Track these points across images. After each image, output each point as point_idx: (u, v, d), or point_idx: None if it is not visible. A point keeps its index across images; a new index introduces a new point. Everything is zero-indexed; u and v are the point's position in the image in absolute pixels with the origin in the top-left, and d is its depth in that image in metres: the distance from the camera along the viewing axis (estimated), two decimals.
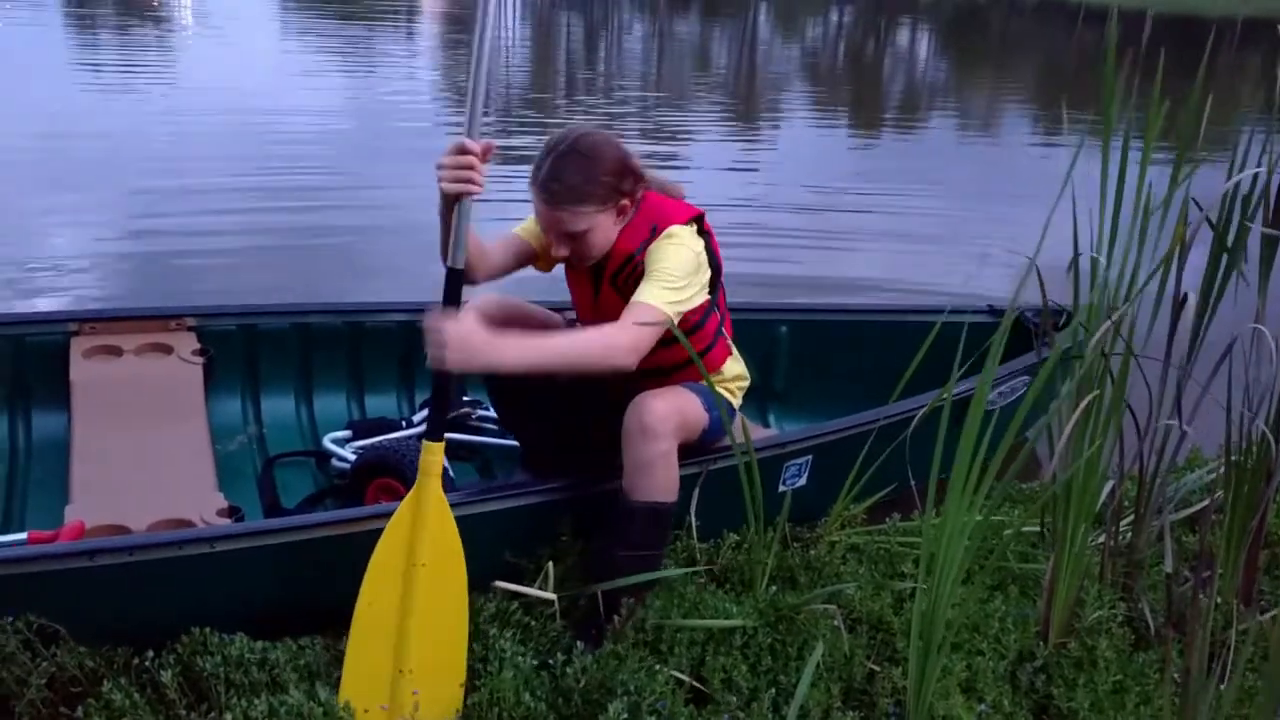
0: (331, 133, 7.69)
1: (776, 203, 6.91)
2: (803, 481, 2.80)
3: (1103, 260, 2.17)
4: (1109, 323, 2.13)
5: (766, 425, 3.49)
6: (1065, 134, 10.66)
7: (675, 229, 2.35)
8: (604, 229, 2.33)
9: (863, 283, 5.48)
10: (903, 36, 24.24)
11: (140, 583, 2.08)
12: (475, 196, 2.02)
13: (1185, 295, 2.24)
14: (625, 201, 2.33)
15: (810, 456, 2.78)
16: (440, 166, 2.01)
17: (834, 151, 9.45)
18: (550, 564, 2.37)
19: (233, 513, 2.35)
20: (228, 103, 8.73)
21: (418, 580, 2.01)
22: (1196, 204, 2.13)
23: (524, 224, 2.53)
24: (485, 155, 2.01)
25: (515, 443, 2.92)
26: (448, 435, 3.00)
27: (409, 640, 2.01)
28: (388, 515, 2.05)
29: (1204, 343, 2.35)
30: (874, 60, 18.97)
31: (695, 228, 2.41)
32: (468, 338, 1.99)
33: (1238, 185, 2.21)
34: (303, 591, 2.21)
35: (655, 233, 2.34)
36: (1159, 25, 28.54)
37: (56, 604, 2.02)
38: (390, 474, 2.71)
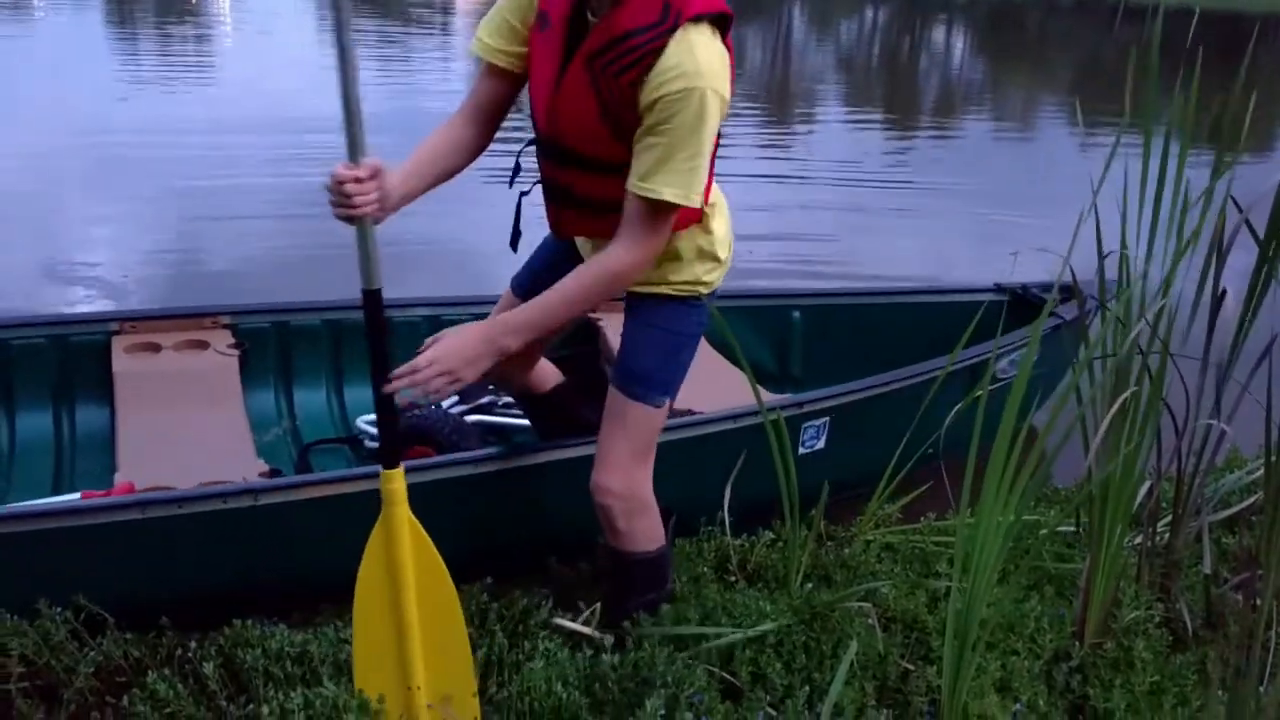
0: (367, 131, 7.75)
1: (809, 202, 6.90)
2: (821, 444, 2.82)
3: (1137, 256, 2.16)
4: (1145, 320, 2.12)
5: None
6: (1102, 132, 10.56)
7: (695, 39, 1.77)
8: None
9: (893, 278, 5.46)
10: (938, 35, 24.07)
11: (189, 540, 2.14)
12: (373, 218, 1.77)
13: (1224, 291, 2.22)
14: None
15: (828, 419, 2.79)
16: (329, 193, 1.76)
17: (868, 150, 9.40)
18: (599, 604, 2.34)
19: (275, 475, 2.41)
20: (265, 103, 8.82)
21: (405, 606, 1.91)
22: (1235, 203, 2.11)
23: (484, 31, 2.00)
24: (372, 178, 1.74)
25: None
26: (475, 418, 3.10)
27: (412, 661, 1.95)
28: (432, 468, 2.12)
29: (1244, 341, 2.33)
30: (909, 59, 18.85)
31: (719, 36, 1.84)
32: (462, 349, 1.89)
33: None
34: (347, 553, 2.23)
35: (668, 16, 1.77)
36: (1201, 22, 28.13)
37: (110, 565, 2.09)
38: (425, 441, 2.76)
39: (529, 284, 2.27)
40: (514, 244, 2.20)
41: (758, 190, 6.82)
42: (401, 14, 17.18)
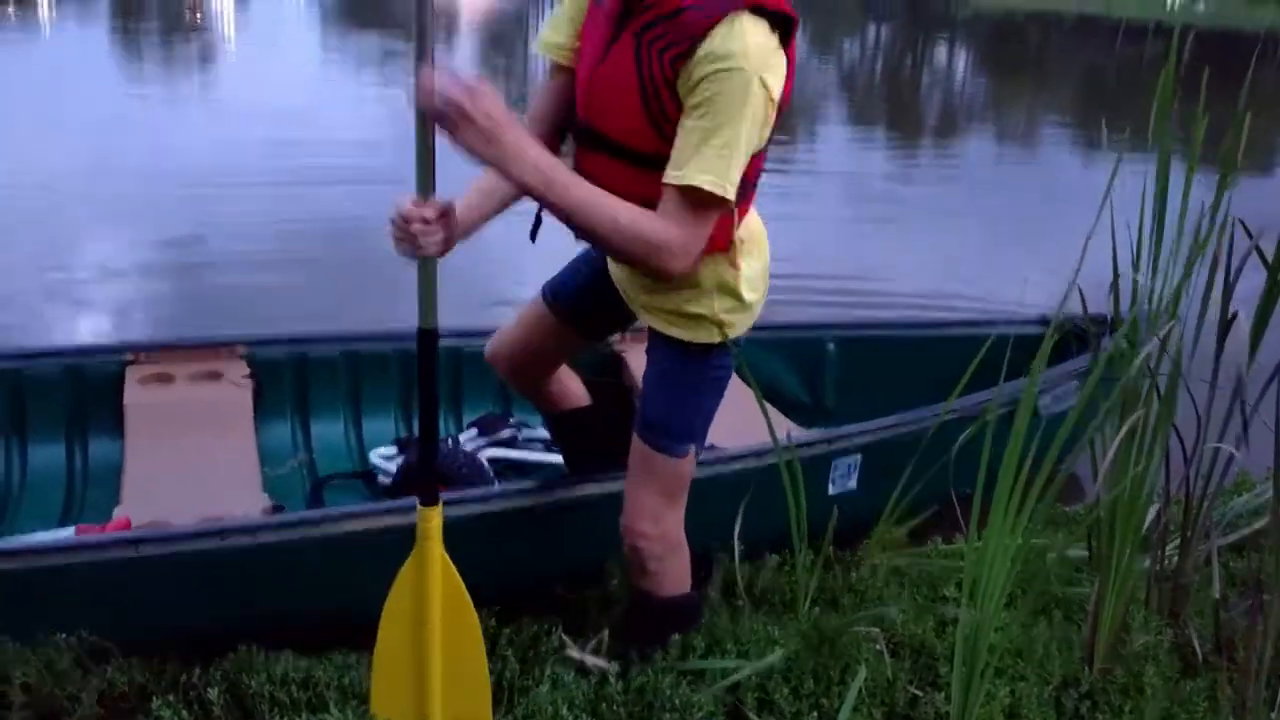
0: (372, 152, 7.79)
1: (818, 219, 6.90)
2: (852, 484, 2.80)
3: (1144, 280, 2.15)
4: (1155, 341, 2.12)
5: None
6: (1106, 150, 10.58)
7: (749, 39, 1.68)
8: None
9: (906, 299, 5.47)
10: (940, 52, 24.13)
11: (186, 577, 2.12)
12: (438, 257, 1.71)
13: (1235, 314, 2.21)
14: None
15: (860, 456, 2.77)
16: (394, 227, 1.68)
17: (872, 165, 9.43)
18: (606, 631, 2.33)
19: (277, 511, 2.39)
20: (271, 125, 8.83)
21: (430, 639, 1.90)
22: (1245, 227, 2.11)
23: (546, 29, 1.97)
24: (442, 217, 1.67)
25: (562, 459, 2.93)
26: (494, 455, 3.08)
27: (431, 692, 1.94)
28: (455, 504, 2.10)
29: (1255, 363, 2.32)
30: (911, 76, 18.90)
31: (778, 34, 1.75)
32: (495, 119, 1.58)
33: None
34: (347, 593, 2.23)
35: (724, 2, 1.69)
36: (1200, 40, 28.21)
37: (105, 600, 2.07)
38: (437, 479, 2.74)
39: (563, 296, 2.25)
40: (533, 234, 2.12)
41: (760, 205, 6.84)
42: (406, 31, 17.23)
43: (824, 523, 2.50)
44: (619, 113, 1.80)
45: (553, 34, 1.96)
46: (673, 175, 1.72)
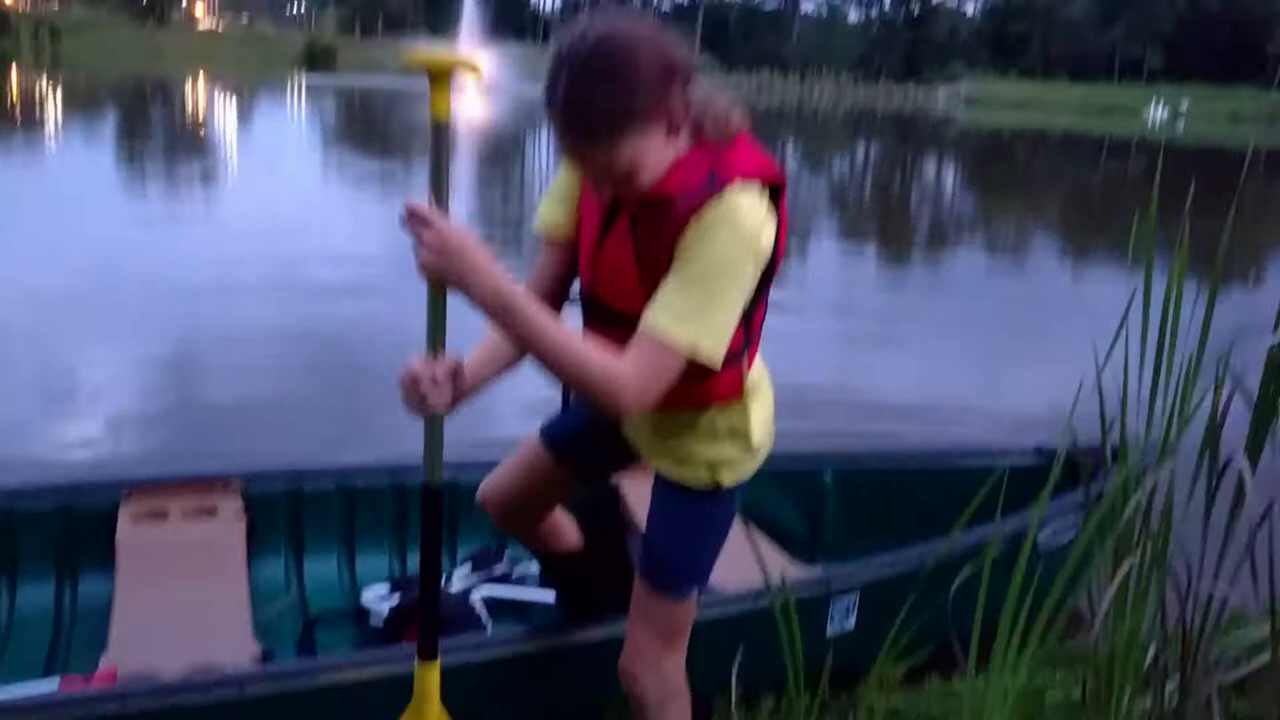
0: (371, 270, 7.91)
1: (807, 337, 7.00)
2: (850, 624, 2.78)
3: (1138, 424, 2.18)
4: (1145, 489, 2.14)
5: None
6: (1096, 262, 10.77)
7: (739, 201, 1.71)
8: (655, 153, 1.69)
9: (899, 413, 5.51)
10: (929, 169, 24.68)
11: None
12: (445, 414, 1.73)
13: (1228, 461, 2.23)
14: (678, 114, 1.69)
15: (857, 595, 2.76)
16: (403, 385, 1.70)
17: (863, 285, 9.57)
18: None
19: (266, 658, 2.36)
20: (271, 242, 8.99)
21: None
22: (1233, 372, 2.15)
23: (543, 208, 1.98)
24: (451, 376, 1.70)
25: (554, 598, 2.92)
26: (489, 590, 3.07)
27: None
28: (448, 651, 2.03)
29: (1244, 506, 2.34)
30: (901, 192, 19.30)
31: (766, 196, 1.77)
32: (456, 243, 1.57)
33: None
34: None
35: (714, 183, 1.70)
36: (1183, 156, 28.99)
37: None
38: None
39: (562, 439, 2.22)
40: (565, 400, 2.12)
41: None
42: (404, 153, 17.62)
43: (823, 664, 2.47)
44: (622, 289, 1.84)
45: (550, 213, 1.99)
46: (648, 320, 1.71)
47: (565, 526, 2.45)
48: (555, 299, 2.00)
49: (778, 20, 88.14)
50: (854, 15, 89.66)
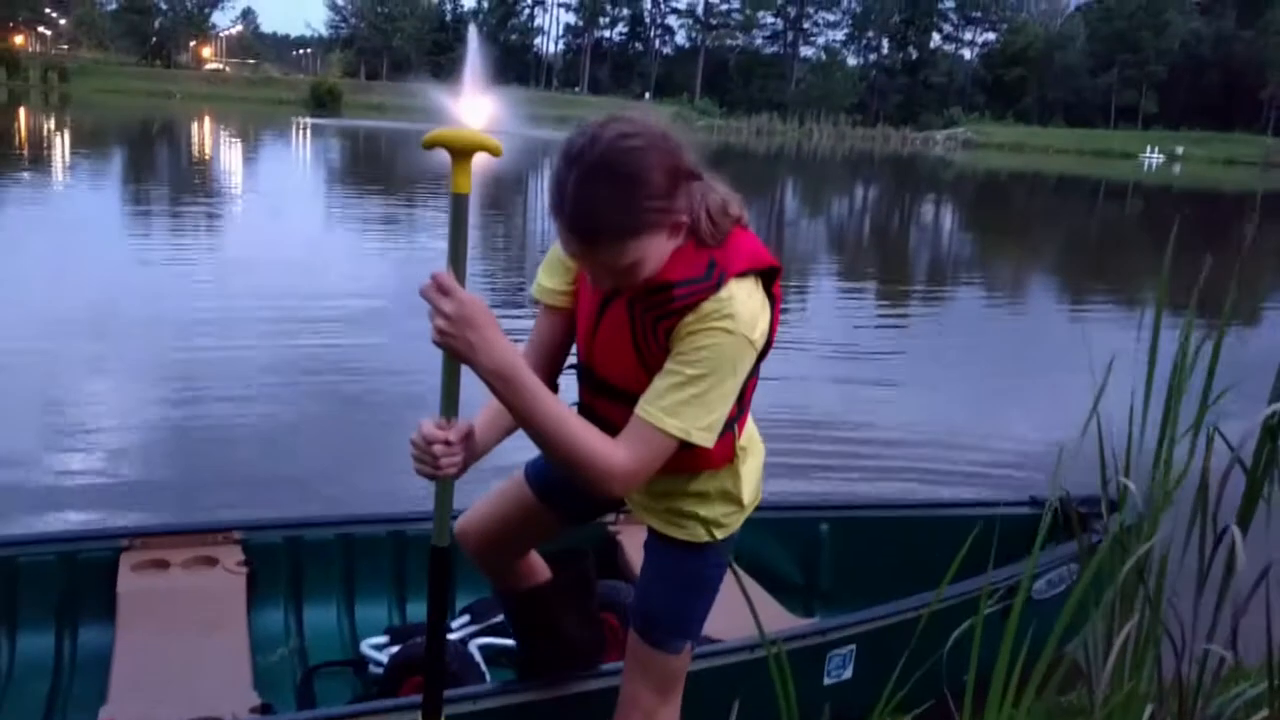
0: (373, 315, 7.97)
1: (807, 380, 7.04)
2: (847, 674, 2.78)
3: (1133, 487, 2.21)
4: (1140, 551, 2.15)
5: None
6: (1091, 305, 10.82)
7: (737, 293, 1.75)
8: (657, 251, 1.72)
9: (894, 461, 5.54)
10: (927, 211, 24.84)
11: None
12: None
13: (1224, 530, 2.25)
14: (683, 219, 1.73)
15: (854, 646, 2.76)
16: (414, 448, 1.72)
17: (862, 321, 9.64)
18: None
19: (265, 710, 2.36)
20: (275, 285, 9.05)
21: None
22: (1224, 439, 2.18)
23: (542, 275, 2.01)
24: (463, 440, 1.73)
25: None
26: (486, 642, 3.07)
27: None
28: (417, 707, 2.05)
29: (1238, 566, 2.36)
30: (899, 233, 19.42)
31: (762, 285, 1.82)
32: (470, 314, 1.60)
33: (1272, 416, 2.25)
34: None
35: (713, 273, 1.75)
36: (1179, 199, 29.17)
37: None
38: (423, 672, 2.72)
39: (547, 479, 2.21)
40: None
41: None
42: (407, 193, 17.76)
43: (819, 715, 2.48)
44: (618, 367, 1.87)
45: (547, 280, 1.99)
46: (643, 410, 1.75)
47: (537, 566, 2.42)
48: (553, 364, 2.02)
49: (777, 63, 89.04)
50: (853, 59, 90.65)
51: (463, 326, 1.60)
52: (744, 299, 1.75)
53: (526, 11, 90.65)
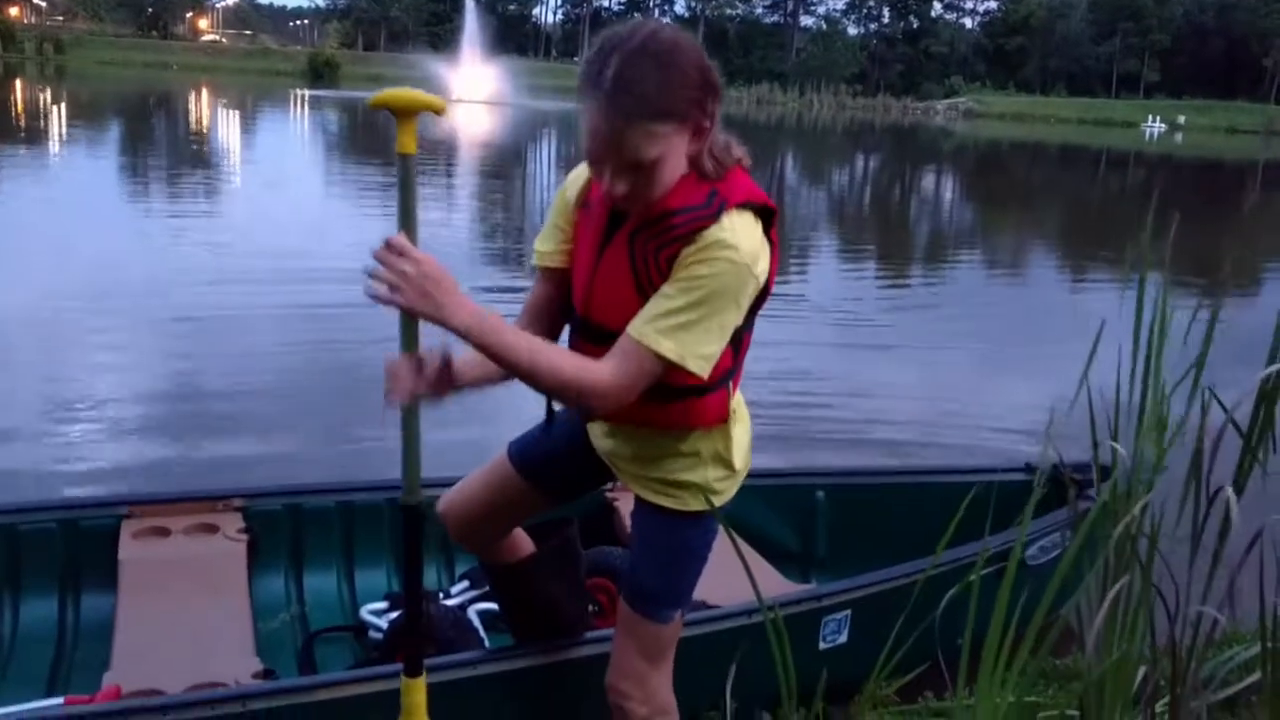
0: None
1: (807, 350, 7.05)
2: (843, 639, 2.80)
3: (1124, 451, 2.21)
4: (1134, 511, 2.16)
5: None
6: (1092, 276, 10.81)
7: (737, 223, 1.76)
8: (675, 159, 1.74)
9: (894, 429, 5.57)
10: (928, 181, 24.76)
11: None
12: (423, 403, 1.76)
13: (1218, 491, 2.26)
14: (706, 123, 1.75)
15: (849, 612, 2.79)
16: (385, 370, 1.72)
17: (862, 291, 9.63)
18: None
19: (268, 676, 2.39)
20: (270, 254, 9.04)
21: None
22: (1220, 403, 2.18)
23: (539, 243, 2.03)
24: (437, 368, 1.74)
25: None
26: (484, 608, 3.10)
27: None
28: (438, 669, 2.10)
29: (1231, 529, 2.37)
30: (900, 205, 19.37)
31: (761, 224, 1.83)
32: (433, 278, 1.62)
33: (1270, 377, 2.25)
34: None
35: (713, 202, 1.77)
36: (1183, 170, 29.07)
37: None
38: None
39: (532, 458, 2.22)
40: (549, 421, 2.14)
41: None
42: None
43: (815, 679, 2.50)
44: (618, 308, 1.85)
45: (544, 245, 2.02)
46: (634, 329, 1.75)
47: (521, 540, 2.41)
48: (553, 325, 2.04)
49: (777, 33, 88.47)
50: (853, 29, 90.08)
51: (427, 286, 1.61)
52: (746, 232, 1.77)
53: None
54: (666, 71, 1.67)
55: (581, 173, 1.96)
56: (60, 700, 2.34)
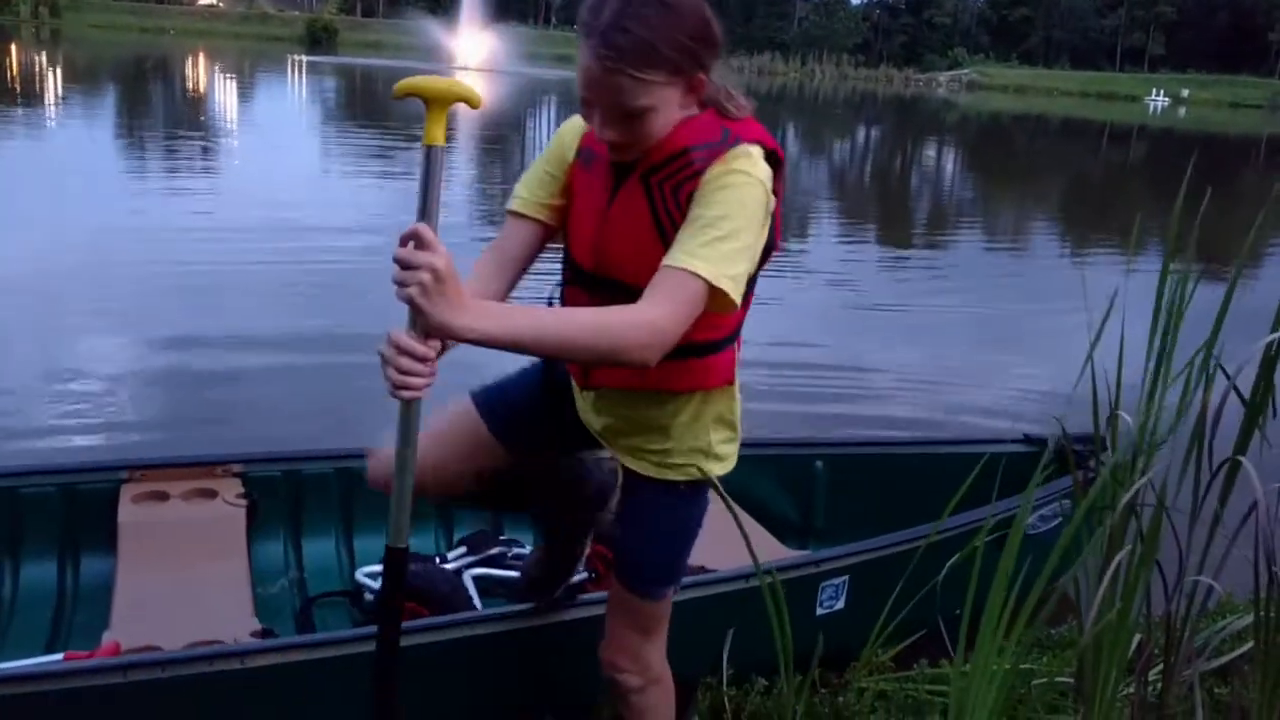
0: (372, 253, 7.94)
1: (807, 325, 7.04)
2: (840, 605, 2.82)
3: (1129, 419, 2.21)
4: (1139, 484, 2.17)
5: None
6: (1093, 250, 10.79)
7: (753, 151, 1.74)
8: (668, 111, 1.71)
9: (893, 402, 5.56)
10: (929, 154, 24.66)
11: (174, 702, 2.13)
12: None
13: (1224, 462, 2.26)
14: (700, 76, 1.73)
15: (847, 578, 2.80)
16: (383, 360, 1.52)
17: (863, 271, 9.60)
18: None
19: (266, 635, 2.40)
20: (273, 232, 8.99)
21: None
22: (1224, 371, 2.18)
23: (523, 188, 1.92)
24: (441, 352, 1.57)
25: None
26: (481, 573, 3.11)
27: None
28: (414, 631, 2.11)
29: (1230, 499, 2.37)
30: (900, 177, 19.30)
31: (769, 164, 1.78)
32: (447, 290, 1.47)
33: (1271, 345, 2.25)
34: (337, 715, 2.25)
35: (728, 140, 1.73)
36: (1184, 143, 28.96)
37: None
38: (420, 599, 2.76)
39: (497, 409, 2.10)
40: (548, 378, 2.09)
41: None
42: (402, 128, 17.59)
43: (812, 645, 2.51)
44: (635, 256, 1.78)
45: (531, 192, 1.91)
46: (670, 259, 1.65)
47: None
48: (514, 275, 1.90)
49: (779, 2, 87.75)
50: None
51: (435, 290, 1.46)
52: (758, 162, 1.73)
53: None
54: (668, 17, 1.64)
55: (577, 122, 1.89)
56: (60, 656, 2.35)
